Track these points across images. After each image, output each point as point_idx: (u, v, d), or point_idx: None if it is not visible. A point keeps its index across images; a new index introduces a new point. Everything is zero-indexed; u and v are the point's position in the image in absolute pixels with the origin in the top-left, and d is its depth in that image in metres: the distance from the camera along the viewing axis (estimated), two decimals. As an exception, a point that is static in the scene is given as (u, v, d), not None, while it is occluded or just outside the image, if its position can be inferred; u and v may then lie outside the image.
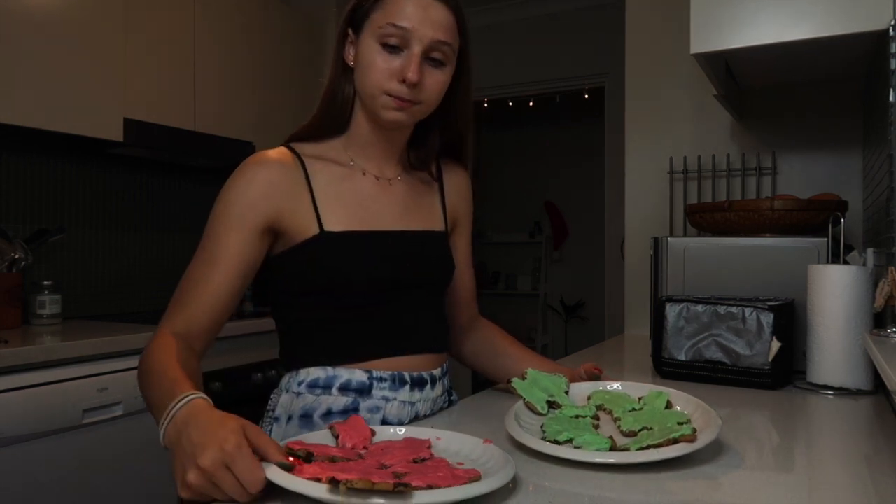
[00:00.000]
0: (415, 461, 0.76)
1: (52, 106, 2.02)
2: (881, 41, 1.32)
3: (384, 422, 1.01)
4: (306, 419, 1.00)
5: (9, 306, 2.06)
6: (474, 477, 0.69)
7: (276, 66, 2.90)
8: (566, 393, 1.01)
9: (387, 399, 1.02)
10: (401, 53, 0.97)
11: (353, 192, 1.05)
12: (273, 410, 1.05)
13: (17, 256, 2.11)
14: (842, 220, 1.39)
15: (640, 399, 0.99)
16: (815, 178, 1.97)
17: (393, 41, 0.96)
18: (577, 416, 0.91)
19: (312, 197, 1.02)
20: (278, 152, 1.04)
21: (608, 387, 1.02)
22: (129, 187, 2.67)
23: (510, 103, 4.98)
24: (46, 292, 2.16)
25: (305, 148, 1.06)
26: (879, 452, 0.91)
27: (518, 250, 5.82)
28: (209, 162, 2.78)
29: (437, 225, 1.14)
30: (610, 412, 0.94)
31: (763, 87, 2.01)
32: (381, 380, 1.02)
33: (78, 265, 2.48)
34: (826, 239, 1.42)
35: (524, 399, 0.89)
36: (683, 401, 0.98)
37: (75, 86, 2.08)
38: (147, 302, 2.73)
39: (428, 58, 0.98)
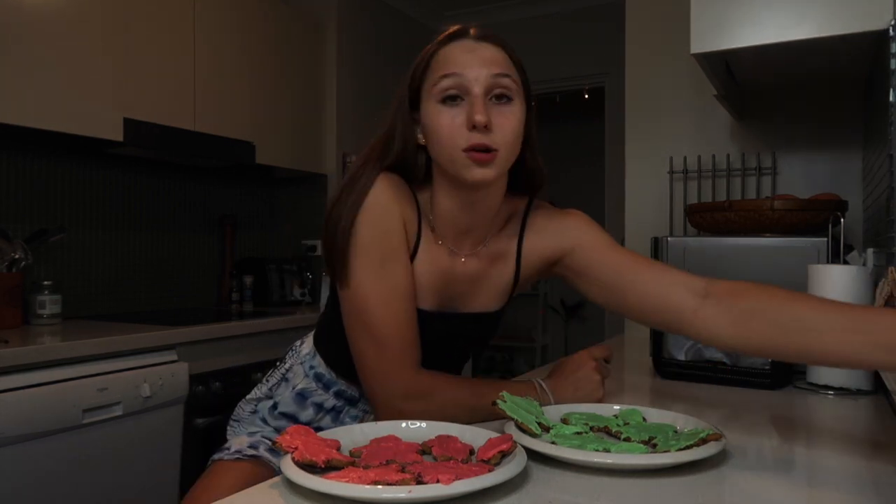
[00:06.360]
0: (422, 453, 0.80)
1: (52, 106, 2.02)
2: (881, 41, 1.32)
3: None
4: (301, 398, 1.13)
5: (9, 306, 2.06)
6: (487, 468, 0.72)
7: (276, 66, 2.90)
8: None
9: (366, 412, 1.13)
10: (463, 102, 0.92)
11: (429, 261, 1.02)
12: (288, 370, 1.16)
13: (17, 256, 2.11)
14: (842, 220, 1.39)
15: (616, 416, 0.98)
16: (815, 178, 1.97)
17: (451, 92, 0.92)
18: (577, 433, 0.90)
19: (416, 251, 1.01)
20: (408, 196, 1.00)
21: (577, 409, 1.01)
22: (129, 187, 2.67)
23: (510, 103, 4.96)
24: (46, 292, 2.16)
25: (419, 196, 1.02)
26: (879, 452, 0.91)
27: (518, 250, 5.80)
28: (209, 162, 2.78)
29: (494, 304, 1.09)
30: (605, 428, 0.93)
31: (763, 87, 2.00)
32: (369, 401, 1.10)
33: (78, 265, 2.48)
34: (826, 239, 1.42)
35: (515, 420, 0.87)
36: (657, 414, 0.98)
37: (75, 86, 2.09)
38: (147, 302, 2.73)
39: (492, 97, 0.93)
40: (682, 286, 0.98)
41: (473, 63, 0.92)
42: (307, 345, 1.18)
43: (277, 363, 1.21)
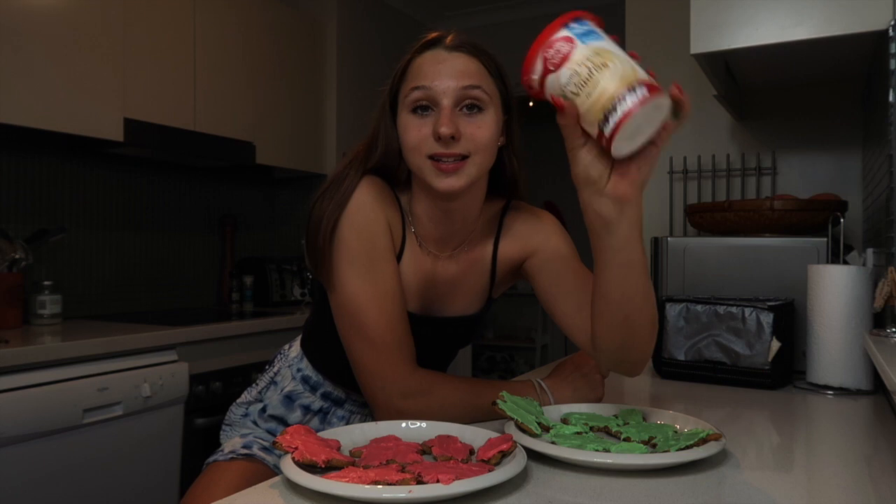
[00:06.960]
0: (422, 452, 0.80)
1: (52, 106, 2.02)
2: (881, 41, 1.32)
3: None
4: (289, 401, 1.16)
5: (9, 306, 2.06)
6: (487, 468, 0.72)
7: (276, 66, 2.90)
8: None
9: (352, 412, 1.16)
10: (433, 112, 0.93)
11: (413, 263, 1.04)
12: (276, 374, 1.19)
13: (17, 256, 2.11)
14: (842, 220, 1.39)
15: (616, 416, 0.98)
16: (815, 178, 1.97)
17: (421, 103, 0.93)
18: (577, 433, 0.90)
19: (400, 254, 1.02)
20: (391, 199, 1.02)
21: (577, 409, 1.01)
22: (129, 187, 2.67)
23: (510, 103, 4.96)
24: (46, 292, 2.16)
25: (401, 199, 1.04)
26: (879, 452, 0.91)
27: (518, 250, 5.79)
28: (209, 162, 2.78)
29: (473, 307, 1.10)
30: (605, 428, 0.93)
31: (763, 87, 2.00)
32: (355, 401, 1.15)
33: (78, 265, 2.48)
34: (826, 239, 1.42)
35: (515, 420, 0.87)
36: (657, 414, 0.98)
37: (75, 86, 2.08)
38: (147, 302, 2.73)
39: (463, 108, 0.94)
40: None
41: (443, 75, 0.93)
42: (295, 348, 1.19)
43: (266, 366, 1.23)
